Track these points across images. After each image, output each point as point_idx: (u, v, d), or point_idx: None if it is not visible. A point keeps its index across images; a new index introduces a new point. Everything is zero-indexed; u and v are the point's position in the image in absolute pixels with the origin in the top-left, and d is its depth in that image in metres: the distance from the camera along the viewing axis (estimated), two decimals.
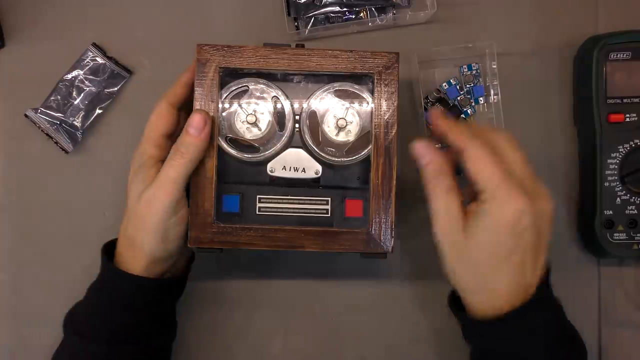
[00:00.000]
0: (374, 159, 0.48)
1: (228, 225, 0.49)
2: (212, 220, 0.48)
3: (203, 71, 0.48)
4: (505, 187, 0.42)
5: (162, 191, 0.45)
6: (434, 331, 0.57)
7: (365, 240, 0.49)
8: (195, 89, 0.48)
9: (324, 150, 0.49)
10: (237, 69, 0.49)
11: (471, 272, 0.44)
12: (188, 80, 0.49)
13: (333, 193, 0.51)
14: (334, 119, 0.49)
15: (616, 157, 0.54)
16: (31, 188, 0.57)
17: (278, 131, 0.49)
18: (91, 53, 0.57)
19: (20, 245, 0.57)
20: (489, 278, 0.44)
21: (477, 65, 0.57)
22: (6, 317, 0.57)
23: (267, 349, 0.57)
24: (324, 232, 0.49)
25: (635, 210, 0.54)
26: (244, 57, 0.48)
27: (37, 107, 0.56)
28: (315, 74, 0.50)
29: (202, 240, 0.48)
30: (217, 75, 0.48)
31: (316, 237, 0.49)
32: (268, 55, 0.48)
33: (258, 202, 0.51)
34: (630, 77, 0.54)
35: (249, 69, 0.49)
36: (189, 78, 0.49)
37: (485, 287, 0.44)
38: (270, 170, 0.50)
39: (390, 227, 0.49)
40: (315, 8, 0.56)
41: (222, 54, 0.48)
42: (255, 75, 0.50)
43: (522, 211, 0.42)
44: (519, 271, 0.43)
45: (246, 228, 0.49)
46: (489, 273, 0.43)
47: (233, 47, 0.48)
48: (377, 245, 0.49)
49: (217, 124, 0.48)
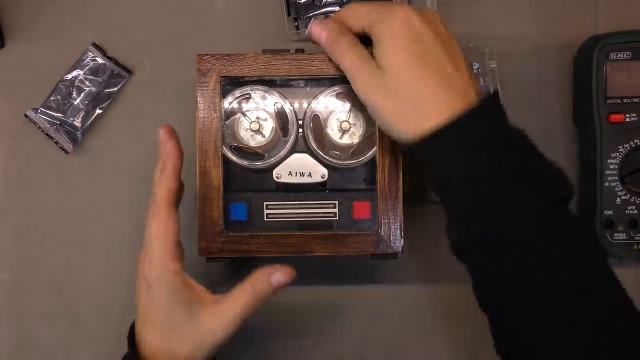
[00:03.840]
0: (380, 159, 0.49)
1: (237, 234, 0.49)
2: (221, 229, 0.48)
3: (204, 81, 0.48)
4: (383, 10, 0.43)
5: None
6: (434, 331, 0.57)
7: (375, 241, 0.49)
8: (197, 99, 0.48)
9: (329, 153, 0.49)
10: (238, 77, 0.49)
11: (401, 101, 0.42)
12: (177, 169, 0.45)
13: (340, 196, 0.51)
14: (337, 122, 0.49)
15: (616, 157, 0.54)
16: (31, 188, 0.57)
17: (282, 137, 0.49)
18: (91, 53, 0.57)
19: (20, 245, 0.57)
20: (417, 97, 0.41)
21: (477, 65, 0.57)
22: (6, 317, 0.57)
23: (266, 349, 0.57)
24: (333, 235, 0.49)
25: (635, 210, 0.54)
26: (244, 65, 0.49)
27: (37, 107, 0.56)
28: (317, 77, 0.50)
29: (211, 250, 0.49)
30: (218, 85, 0.48)
31: (326, 242, 0.49)
32: (269, 62, 0.48)
33: (265, 209, 0.51)
34: (630, 77, 0.54)
35: (250, 76, 0.49)
36: (177, 166, 0.45)
37: (419, 110, 0.41)
38: (276, 177, 0.50)
39: (399, 227, 0.49)
40: (315, 8, 0.56)
41: (223, 63, 0.48)
42: (256, 82, 0.50)
43: (408, 17, 0.42)
44: (441, 71, 0.41)
45: (255, 236, 0.49)
46: (416, 91, 0.41)
47: (233, 56, 0.49)
48: (387, 246, 0.49)
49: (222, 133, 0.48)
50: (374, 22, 0.43)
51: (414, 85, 0.41)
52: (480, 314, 0.43)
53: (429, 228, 0.56)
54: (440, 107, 0.40)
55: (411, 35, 0.41)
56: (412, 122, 0.41)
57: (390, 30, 0.42)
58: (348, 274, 0.57)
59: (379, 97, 0.42)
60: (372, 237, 0.49)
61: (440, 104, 0.40)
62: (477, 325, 0.44)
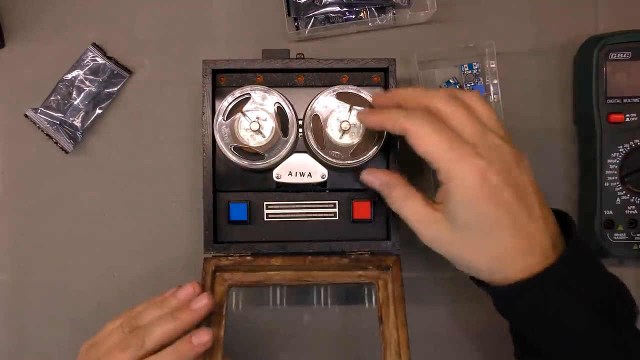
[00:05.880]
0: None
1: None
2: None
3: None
4: (456, 158, 0.40)
5: None
6: (434, 331, 0.57)
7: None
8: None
9: (329, 153, 0.49)
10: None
11: (476, 253, 0.42)
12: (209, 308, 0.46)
13: (340, 196, 0.51)
14: (337, 122, 0.49)
15: (616, 157, 0.54)
16: (31, 188, 0.57)
17: (282, 137, 0.49)
18: (91, 53, 0.57)
19: (20, 245, 0.57)
20: (493, 250, 0.41)
21: (478, 65, 0.57)
22: (6, 317, 0.57)
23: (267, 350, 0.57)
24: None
25: (635, 210, 0.54)
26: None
27: (37, 107, 0.56)
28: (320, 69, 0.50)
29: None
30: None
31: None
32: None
33: (265, 209, 0.51)
34: (630, 77, 0.54)
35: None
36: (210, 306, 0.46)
37: (496, 260, 0.42)
38: (276, 177, 0.50)
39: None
40: (315, 8, 0.56)
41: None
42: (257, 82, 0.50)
43: (482, 173, 0.40)
44: (517, 227, 0.41)
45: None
46: (491, 245, 0.41)
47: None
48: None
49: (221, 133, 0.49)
50: (440, 166, 0.41)
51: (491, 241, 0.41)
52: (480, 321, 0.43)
53: None
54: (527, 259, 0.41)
55: (485, 194, 0.40)
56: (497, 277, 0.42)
57: (463, 186, 0.40)
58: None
59: (450, 248, 0.43)
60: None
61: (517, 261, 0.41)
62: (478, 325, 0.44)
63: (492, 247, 0.41)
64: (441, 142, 0.41)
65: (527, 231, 0.41)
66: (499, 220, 0.41)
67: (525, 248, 0.41)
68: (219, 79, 0.51)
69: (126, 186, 0.57)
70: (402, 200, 0.44)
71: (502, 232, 0.41)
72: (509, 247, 0.41)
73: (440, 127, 0.41)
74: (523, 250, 0.41)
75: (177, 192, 0.57)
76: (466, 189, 0.40)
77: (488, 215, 0.41)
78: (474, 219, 0.41)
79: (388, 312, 0.49)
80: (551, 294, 0.41)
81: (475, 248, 0.42)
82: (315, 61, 0.50)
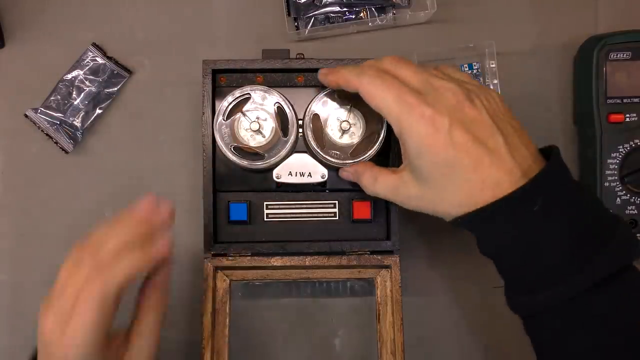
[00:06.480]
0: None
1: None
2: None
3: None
4: (404, 109, 0.41)
5: None
6: (434, 331, 0.57)
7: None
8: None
9: (329, 153, 0.49)
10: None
11: (446, 199, 0.42)
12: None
13: (340, 196, 0.51)
14: (337, 122, 0.49)
15: (616, 157, 0.54)
16: (31, 188, 0.57)
17: (282, 137, 0.49)
18: (91, 53, 0.57)
19: (20, 245, 0.57)
20: (461, 192, 0.41)
21: (478, 65, 0.57)
22: (6, 317, 0.57)
23: (266, 350, 0.57)
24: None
25: (635, 210, 0.54)
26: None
27: (37, 107, 0.56)
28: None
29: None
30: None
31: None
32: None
33: (265, 209, 0.51)
34: (630, 77, 0.54)
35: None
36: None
37: (466, 199, 0.41)
38: (276, 177, 0.50)
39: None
40: (315, 8, 0.56)
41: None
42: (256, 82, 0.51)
43: (431, 120, 0.40)
44: (478, 164, 0.40)
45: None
46: (457, 188, 0.41)
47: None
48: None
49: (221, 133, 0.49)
50: (392, 119, 0.42)
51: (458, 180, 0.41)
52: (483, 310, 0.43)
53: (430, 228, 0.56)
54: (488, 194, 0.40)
55: (439, 138, 0.40)
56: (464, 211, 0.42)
57: (417, 136, 0.41)
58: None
59: (424, 197, 0.43)
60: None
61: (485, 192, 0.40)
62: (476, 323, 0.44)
63: (458, 189, 0.41)
64: (389, 94, 0.41)
65: (489, 164, 0.40)
66: (458, 162, 0.40)
67: (493, 180, 0.40)
68: (219, 79, 0.51)
69: (126, 186, 0.57)
70: (373, 181, 0.46)
71: (465, 173, 0.40)
72: (475, 184, 0.40)
73: (389, 81, 0.42)
74: (491, 183, 0.40)
75: (177, 192, 0.57)
76: (419, 139, 0.41)
77: (446, 160, 0.40)
78: (433, 168, 0.41)
79: (385, 311, 0.49)
80: (522, 216, 0.40)
81: (444, 194, 0.42)
82: (315, 61, 0.50)
